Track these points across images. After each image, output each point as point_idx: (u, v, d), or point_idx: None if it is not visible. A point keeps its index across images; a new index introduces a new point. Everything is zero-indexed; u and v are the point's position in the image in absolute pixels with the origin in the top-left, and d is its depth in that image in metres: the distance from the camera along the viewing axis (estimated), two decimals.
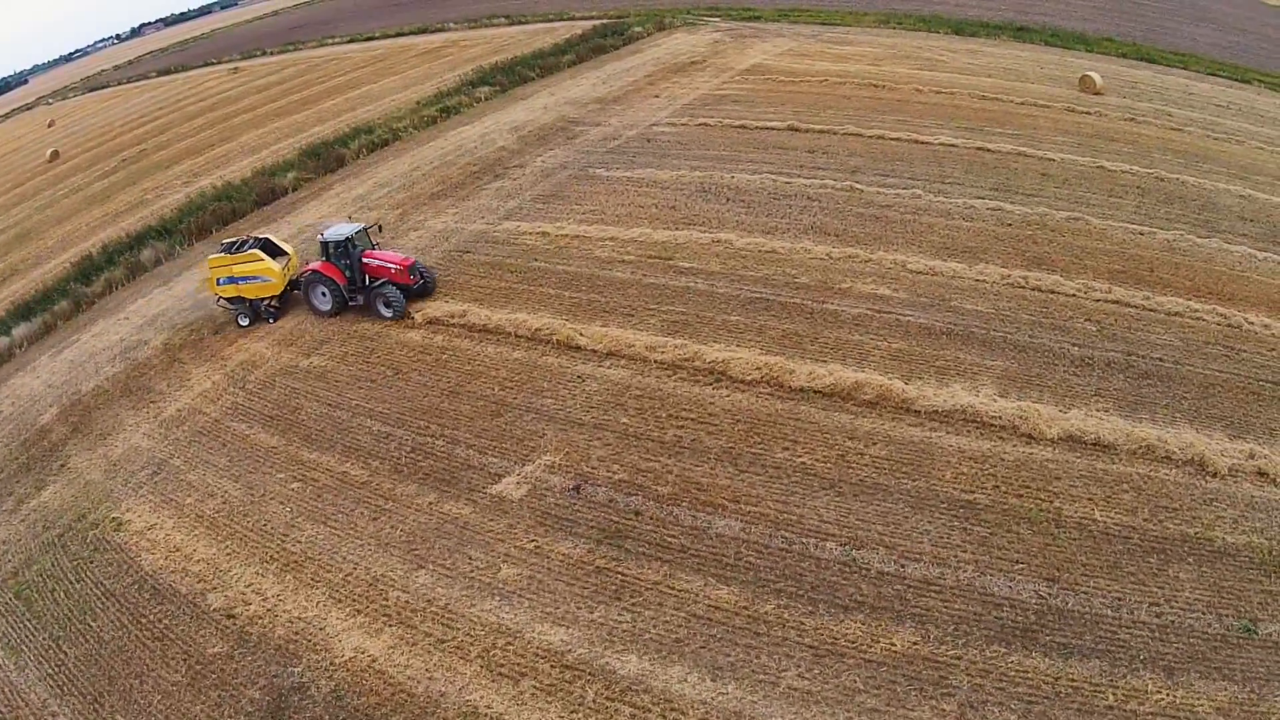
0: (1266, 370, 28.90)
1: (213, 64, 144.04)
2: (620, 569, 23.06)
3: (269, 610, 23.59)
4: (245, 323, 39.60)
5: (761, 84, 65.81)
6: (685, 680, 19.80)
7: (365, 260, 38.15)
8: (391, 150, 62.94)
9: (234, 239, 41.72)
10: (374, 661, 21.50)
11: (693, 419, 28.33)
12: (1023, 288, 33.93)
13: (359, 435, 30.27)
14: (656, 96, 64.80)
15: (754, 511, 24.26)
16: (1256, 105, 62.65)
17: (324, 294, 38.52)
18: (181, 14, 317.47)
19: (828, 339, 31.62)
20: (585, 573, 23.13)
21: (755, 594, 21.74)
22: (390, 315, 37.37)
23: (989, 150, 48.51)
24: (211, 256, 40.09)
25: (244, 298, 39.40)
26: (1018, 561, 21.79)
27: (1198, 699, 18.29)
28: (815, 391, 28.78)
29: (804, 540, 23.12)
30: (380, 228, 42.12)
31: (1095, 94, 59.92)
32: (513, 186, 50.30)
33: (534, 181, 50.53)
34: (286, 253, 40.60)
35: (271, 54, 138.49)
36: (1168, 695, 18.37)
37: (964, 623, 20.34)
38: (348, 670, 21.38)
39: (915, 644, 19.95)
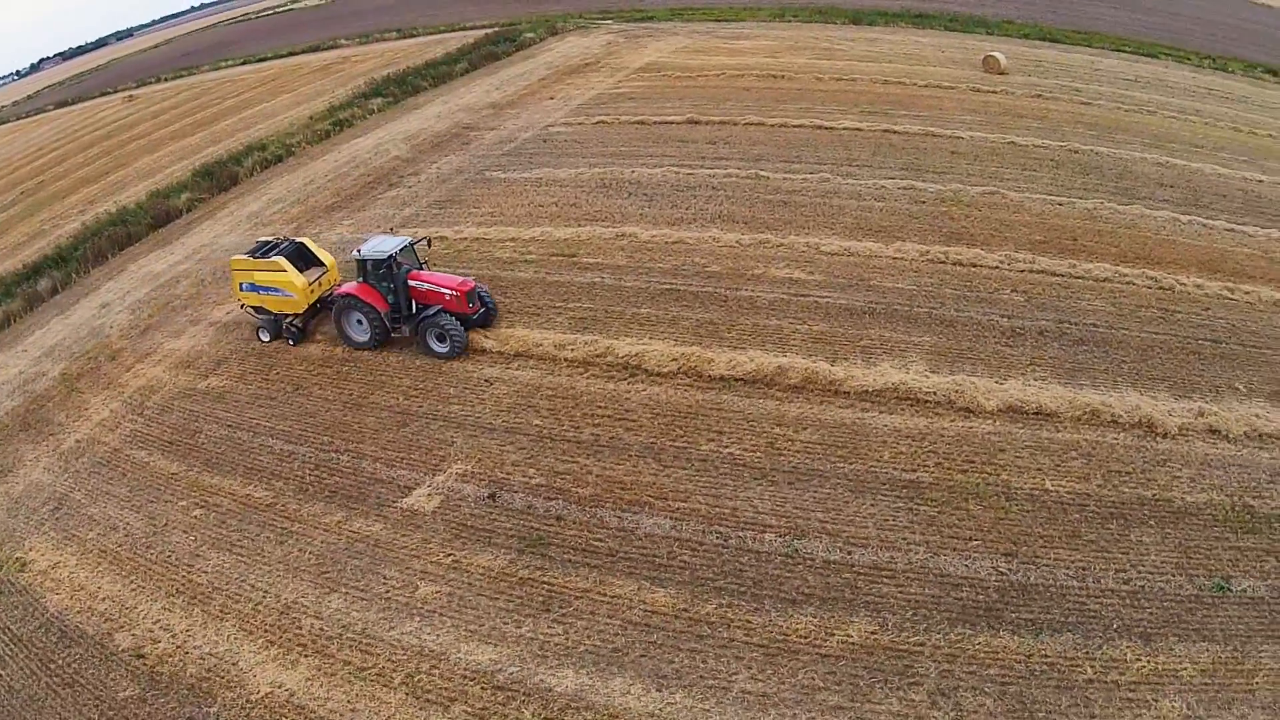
0: (1204, 329, 28.47)
1: (109, 93, 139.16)
2: (546, 578, 21.38)
3: (178, 647, 21.46)
4: (265, 338, 34.87)
5: (658, 81, 64.83)
6: (628, 693, 18.15)
7: (412, 283, 31.79)
8: (285, 166, 60.37)
9: (268, 239, 36.68)
10: (292, 696, 19.52)
11: (609, 416, 26.83)
12: (943, 263, 33.19)
13: (260, 456, 28.19)
14: (551, 99, 63.26)
15: (683, 508, 22.76)
16: (1167, 78, 63.43)
17: (360, 322, 32.61)
18: (78, 47, 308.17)
19: (745, 325, 30.41)
20: (509, 585, 21.39)
21: (694, 594, 20.18)
22: (445, 352, 31.40)
23: (896, 132, 47.87)
24: (235, 258, 35.48)
25: (267, 309, 34.56)
26: (971, 539, 20.62)
27: (1179, 663, 17.48)
28: (736, 379, 27.49)
29: (740, 534, 21.65)
30: (429, 242, 35.34)
31: (1000, 74, 59.79)
32: (408, 194, 48.20)
33: (430, 188, 48.49)
34: (323, 263, 35.23)
35: (166, 80, 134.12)
36: (1148, 662, 17.50)
37: (922, 607, 19.04)
38: (265, 707, 19.40)
39: (873, 633, 18.57)
